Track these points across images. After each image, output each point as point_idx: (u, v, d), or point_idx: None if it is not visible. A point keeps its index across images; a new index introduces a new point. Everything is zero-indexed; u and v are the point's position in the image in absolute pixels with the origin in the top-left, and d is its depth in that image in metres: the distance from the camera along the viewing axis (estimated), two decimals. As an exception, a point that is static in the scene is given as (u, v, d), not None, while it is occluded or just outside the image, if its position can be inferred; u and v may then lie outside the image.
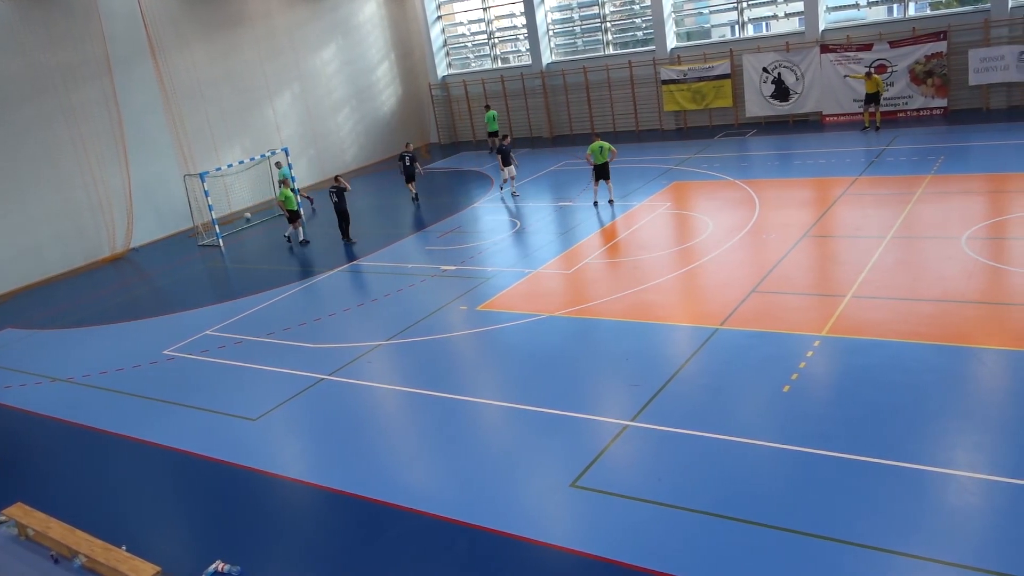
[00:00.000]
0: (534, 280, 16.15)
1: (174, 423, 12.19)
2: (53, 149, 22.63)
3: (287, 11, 29.73)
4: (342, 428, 11.27)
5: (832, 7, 27.52)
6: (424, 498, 9.20)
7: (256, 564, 8.55)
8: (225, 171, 25.67)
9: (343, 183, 21.24)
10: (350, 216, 21.37)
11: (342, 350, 13.93)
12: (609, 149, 20.40)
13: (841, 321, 11.98)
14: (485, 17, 33.97)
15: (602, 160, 20.31)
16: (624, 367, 11.71)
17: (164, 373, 14.25)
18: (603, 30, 31.33)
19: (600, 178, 20.55)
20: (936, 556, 7.07)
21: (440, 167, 30.54)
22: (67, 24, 22.88)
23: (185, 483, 10.61)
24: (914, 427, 9.03)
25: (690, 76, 28.72)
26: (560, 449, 9.76)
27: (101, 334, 17.18)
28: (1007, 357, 10.33)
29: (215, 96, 26.91)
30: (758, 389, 10.46)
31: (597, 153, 20.31)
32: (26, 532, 9.59)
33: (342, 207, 21.08)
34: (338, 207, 21.11)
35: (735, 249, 15.90)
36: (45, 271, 22.56)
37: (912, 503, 7.80)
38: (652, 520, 8.18)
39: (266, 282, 18.79)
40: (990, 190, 17.40)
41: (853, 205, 17.58)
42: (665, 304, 13.95)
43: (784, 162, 23.31)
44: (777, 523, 7.78)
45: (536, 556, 8.00)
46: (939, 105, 25.04)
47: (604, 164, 20.36)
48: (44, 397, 14.11)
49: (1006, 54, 23.42)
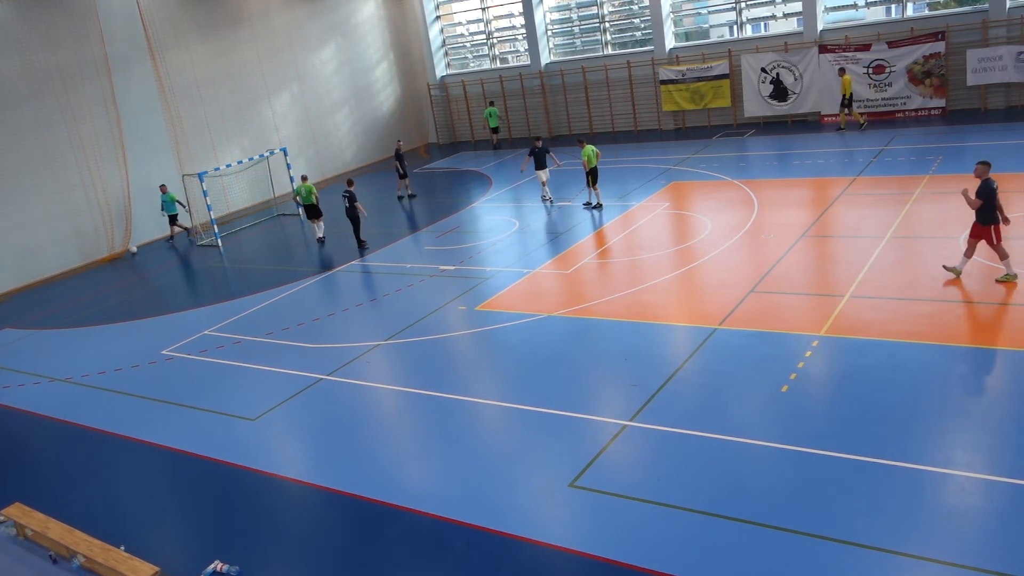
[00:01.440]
0: (533, 280, 16.16)
1: (173, 423, 12.18)
2: (52, 149, 22.62)
3: (286, 11, 29.73)
4: (341, 428, 11.27)
5: (831, 7, 27.56)
6: (423, 498, 9.21)
7: (255, 564, 8.55)
8: (224, 171, 25.67)
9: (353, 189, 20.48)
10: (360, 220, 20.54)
11: (341, 350, 13.93)
12: (597, 153, 20.48)
13: (839, 321, 11.99)
14: (484, 17, 33.98)
15: (595, 163, 20.34)
16: (623, 367, 11.72)
17: (163, 373, 14.25)
18: (602, 30, 31.35)
19: (594, 181, 20.57)
20: (934, 556, 7.08)
21: (439, 167, 30.55)
22: (66, 24, 22.87)
23: (184, 483, 10.60)
24: (912, 427, 9.05)
25: (689, 76, 28.74)
26: (559, 449, 9.77)
27: (100, 334, 17.17)
28: (1006, 357, 10.35)
29: (213, 96, 26.90)
30: (756, 389, 10.47)
31: (592, 157, 20.29)
32: (24, 532, 9.59)
33: (352, 213, 20.26)
34: (349, 212, 20.32)
35: (734, 249, 15.91)
36: (44, 271, 22.55)
37: (910, 503, 7.81)
38: (651, 520, 8.19)
39: (265, 282, 18.79)
40: (988, 190, 17.40)
41: (852, 205, 17.60)
42: (664, 304, 13.96)
43: (783, 162, 23.32)
44: (775, 523, 7.79)
45: (535, 556, 8.00)
46: (937, 105, 25.07)
47: (596, 167, 20.42)
48: (43, 397, 14.10)
49: (1004, 54, 23.45)
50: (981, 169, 12.38)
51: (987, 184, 12.25)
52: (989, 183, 12.26)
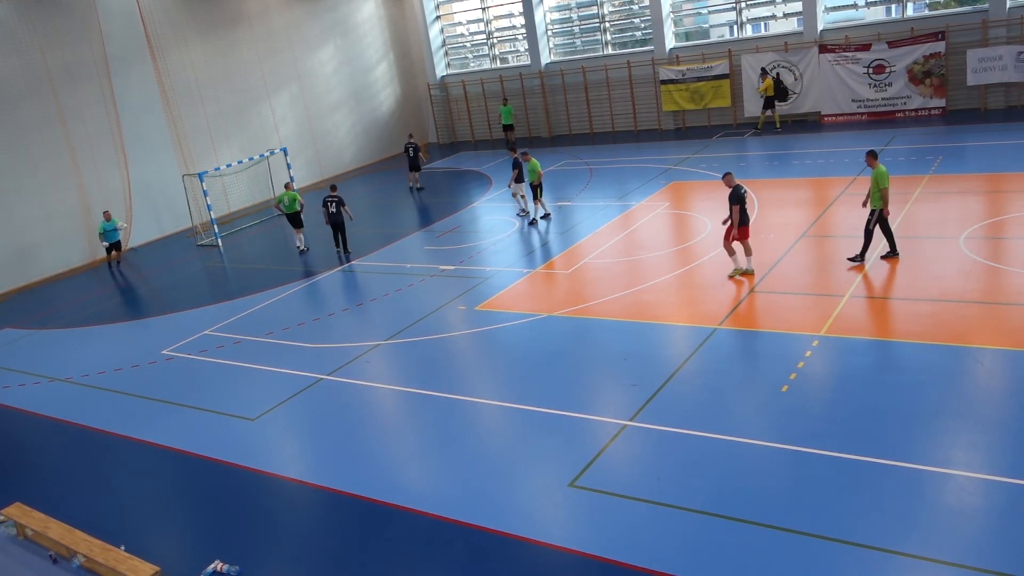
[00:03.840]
0: (533, 280, 16.16)
1: (173, 423, 12.18)
2: (51, 149, 22.61)
3: (285, 11, 29.72)
4: (341, 428, 11.28)
5: (831, 7, 27.56)
6: (423, 498, 9.21)
7: (255, 564, 8.55)
8: (224, 171, 25.67)
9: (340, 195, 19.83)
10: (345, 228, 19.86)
11: (341, 350, 13.93)
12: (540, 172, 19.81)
13: (839, 321, 11.99)
14: (484, 17, 33.97)
15: (535, 179, 19.68)
16: (623, 367, 11.72)
17: (163, 373, 14.25)
18: (602, 30, 31.34)
19: (539, 195, 19.88)
20: (934, 555, 7.08)
21: (439, 167, 30.54)
22: (65, 23, 22.87)
23: (184, 483, 10.60)
24: (912, 427, 9.05)
25: (689, 76, 28.74)
26: (559, 449, 9.77)
27: (100, 334, 17.17)
28: (1005, 357, 10.35)
29: (213, 96, 26.90)
30: (756, 389, 10.47)
31: (537, 171, 19.65)
32: (25, 532, 9.59)
33: (339, 219, 19.52)
34: (334, 218, 19.49)
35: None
36: (43, 271, 22.54)
37: (910, 503, 7.81)
38: (650, 520, 8.19)
39: (265, 282, 18.78)
40: (988, 190, 17.42)
41: (851, 205, 17.57)
42: (664, 304, 13.96)
43: (782, 162, 23.32)
44: (775, 523, 7.79)
45: (535, 556, 8.00)
46: (937, 105, 25.07)
47: (540, 183, 19.77)
48: (42, 397, 14.10)
49: (1004, 54, 23.45)
50: (729, 179, 14.25)
51: (736, 190, 14.05)
52: (738, 189, 14.09)
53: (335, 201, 19.49)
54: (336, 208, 19.46)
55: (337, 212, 19.46)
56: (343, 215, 19.53)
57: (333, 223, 19.61)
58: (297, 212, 20.76)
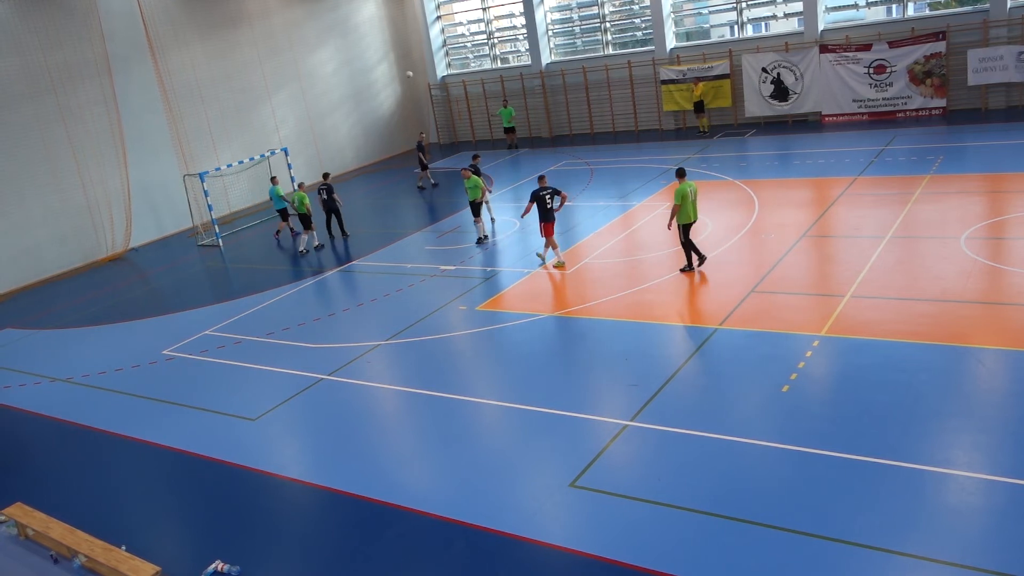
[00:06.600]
0: (533, 280, 16.16)
1: (173, 423, 12.19)
2: (51, 149, 22.62)
3: (286, 11, 29.74)
4: (341, 428, 11.28)
5: (831, 7, 27.54)
6: (423, 498, 9.21)
7: (255, 564, 8.56)
8: (224, 171, 25.67)
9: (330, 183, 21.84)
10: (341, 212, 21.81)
11: (341, 350, 13.94)
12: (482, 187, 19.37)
13: (840, 321, 11.99)
14: (484, 17, 33.97)
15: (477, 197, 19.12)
16: (623, 367, 11.72)
17: (163, 373, 14.25)
18: (602, 30, 31.34)
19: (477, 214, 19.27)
20: (934, 556, 7.08)
21: (439, 167, 30.53)
22: (66, 23, 22.88)
23: (184, 483, 10.61)
24: (912, 427, 9.05)
25: (689, 76, 28.74)
26: (559, 449, 9.77)
27: (100, 334, 17.18)
28: (1005, 357, 10.34)
29: (214, 96, 26.92)
30: (757, 389, 10.47)
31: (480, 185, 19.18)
32: (26, 532, 9.60)
33: (332, 205, 21.42)
34: (328, 204, 21.42)
35: (734, 249, 15.91)
36: (44, 271, 22.56)
37: (910, 502, 7.81)
38: (651, 520, 8.19)
39: (265, 282, 18.79)
40: (989, 190, 17.41)
41: (852, 205, 17.60)
42: (664, 304, 13.96)
43: (783, 162, 23.32)
44: (776, 523, 7.79)
45: (535, 556, 8.00)
46: (938, 105, 25.06)
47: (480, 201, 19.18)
48: (43, 397, 14.11)
49: (1005, 54, 23.44)
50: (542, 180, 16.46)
51: (536, 192, 16.18)
52: (538, 191, 16.17)
53: (327, 188, 21.43)
54: (328, 195, 21.37)
55: (329, 199, 21.38)
56: (335, 201, 21.45)
57: (327, 209, 21.57)
58: (306, 213, 21.16)
